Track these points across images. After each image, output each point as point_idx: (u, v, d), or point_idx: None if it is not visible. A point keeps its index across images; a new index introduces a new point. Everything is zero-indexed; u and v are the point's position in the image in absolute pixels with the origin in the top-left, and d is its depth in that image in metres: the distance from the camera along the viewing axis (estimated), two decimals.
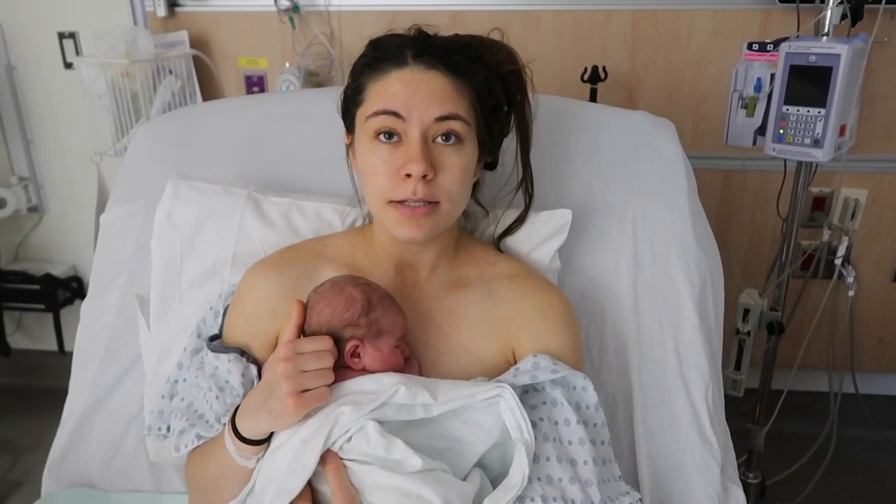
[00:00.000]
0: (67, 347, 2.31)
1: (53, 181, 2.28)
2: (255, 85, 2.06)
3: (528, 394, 0.84)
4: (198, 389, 0.87)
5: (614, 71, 1.86)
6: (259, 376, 0.87)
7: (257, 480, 0.80)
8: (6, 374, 2.38)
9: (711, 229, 1.13)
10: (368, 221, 1.01)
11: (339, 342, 0.79)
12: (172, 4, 1.99)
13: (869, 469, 1.92)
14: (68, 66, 2.10)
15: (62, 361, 1.94)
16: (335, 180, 1.03)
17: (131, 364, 1.07)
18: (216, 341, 0.91)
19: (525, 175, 0.94)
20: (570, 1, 1.87)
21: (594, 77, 1.80)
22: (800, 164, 1.50)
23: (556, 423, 0.81)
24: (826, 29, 1.39)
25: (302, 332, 0.81)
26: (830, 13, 1.38)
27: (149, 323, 1.03)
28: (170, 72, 1.90)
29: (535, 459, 0.78)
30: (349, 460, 0.75)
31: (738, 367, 1.67)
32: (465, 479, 0.78)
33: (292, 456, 0.75)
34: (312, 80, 1.99)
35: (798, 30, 1.52)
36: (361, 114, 0.84)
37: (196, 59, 1.98)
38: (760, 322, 1.62)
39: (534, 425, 0.78)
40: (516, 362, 0.86)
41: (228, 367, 0.86)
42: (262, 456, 0.80)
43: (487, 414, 0.79)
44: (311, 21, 1.96)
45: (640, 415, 1.01)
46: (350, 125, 0.89)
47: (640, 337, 1.04)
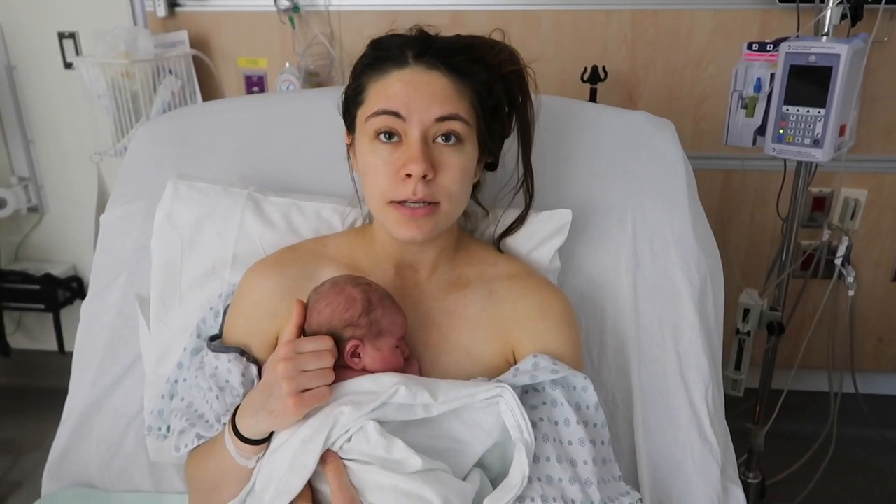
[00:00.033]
0: (67, 347, 2.31)
1: (53, 181, 2.28)
2: (255, 85, 2.06)
3: (528, 394, 0.84)
4: (198, 389, 0.87)
5: (614, 71, 1.86)
6: (259, 376, 0.87)
7: (257, 480, 0.80)
8: (6, 374, 2.38)
9: (711, 229, 1.13)
10: (368, 221, 1.01)
11: (340, 342, 0.79)
12: (172, 4, 1.99)
13: (869, 469, 1.92)
14: (68, 66, 2.10)
15: (62, 361, 1.94)
16: (335, 180, 1.03)
17: (131, 364, 1.07)
18: (216, 341, 0.91)
19: (526, 176, 0.94)
20: (570, 1, 1.87)
21: (594, 77, 1.80)
22: (800, 164, 1.50)
23: (556, 424, 0.81)
24: (826, 29, 1.39)
25: (302, 332, 0.81)
26: (830, 13, 1.38)
27: (149, 323, 1.03)
28: (170, 72, 1.90)
29: (535, 459, 0.78)
30: (349, 460, 0.75)
31: (738, 367, 1.67)
32: (465, 479, 0.78)
33: (292, 456, 0.75)
34: (312, 80, 1.99)
35: (798, 30, 1.52)
36: (362, 114, 0.84)
37: (196, 59, 1.98)
38: (760, 322, 1.62)
39: (534, 425, 0.78)
40: (516, 362, 0.86)
41: (228, 367, 0.86)
42: (262, 456, 0.80)
43: (487, 414, 0.79)
44: (311, 21, 1.96)
45: (640, 415, 1.01)
46: (351, 125, 0.89)
47: (640, 337, 1.04)
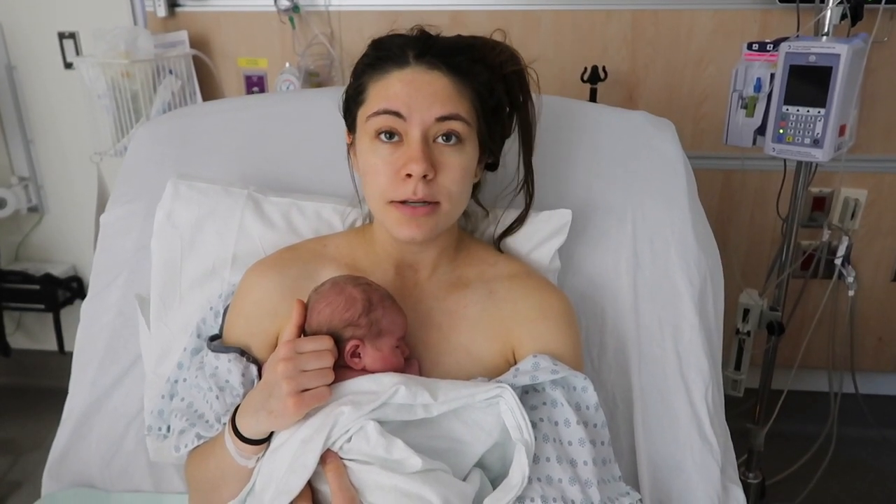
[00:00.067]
0: (67, 347, 2.31)
1: (53, 181, 2.27)
2: (255, 85, 2.06)
3: (528, 394, 0.84)
4: (198, 389, 0.87)
5: (614, 71, 1.86)
6: (259, 376, 0.87)
7: (257, 480, 0.80)
8: (6, 374, 2.38)
9: (711, 229, 1.13)
10: (369, 221, 1.01)
11: (340, 342, 0.79)
12: (172, 4, 1.99)
13: (869, 469, 1.92)
14: (68, 66, 2.10)
15: (62, 361, 1.94)
16: (335, 180, 1.03)
17: (131, 364, 1.07)
18: (216, 341, 0.91)
19: (527, 176, 0.94)
20: (570, 1, 1.87)
21: (594, 77, 1.80)
22: (800, 164, 1.50)
23: (556, 424, 0.81)
24: (826, 29, 1.39)
25: (302, 332, 0.81)
26: (830, 13, 1.38)
27: (149, 323, 1.03)
28: (170, 72, 1.90)
29: (535, 460, 0.78)
30: (349, 460, 0.75)
31: (738, 367, 1.67)
32: (465, 480, 0.78)
33: (292, 456, 0.75)
34: (312, 80, 1.99)
35: (798, 30, 1.52)
36: (363, 113, 0.84)
37: (196, 59, 1.98)
38: (760, 322, 1.62)
39: (534, 426, 0.78)
40: (516, 362, 0.86)
41: (228, 367, 0.86)
42: (263, 456, 0.80)
43: (487, 414, 0.79)
44: (311, 21, 1.96)
45: (640, 415, 1.01)
46: (351, 125, 0.89)
47: (640, 337, 1.04)
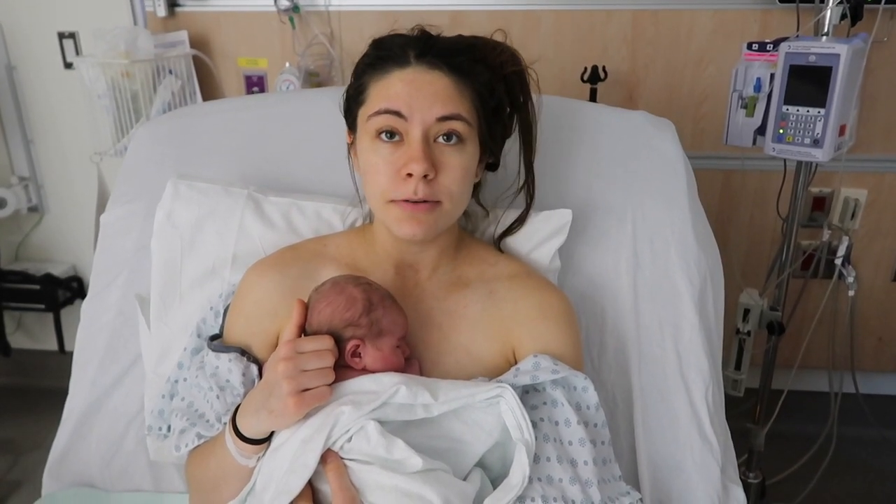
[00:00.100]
0: (67, 347, 2.31)
1: (53, 181, 2.28)
2: (255, 85, 2.06)
3: (529, 394, 0.84)
4: (198, 389, 0.87)
5: (614, 71, 1.86)
6: (260, 376, 0.87)
7: (258, 480, 0.80)
8: (6, 374, 2.38)
9: (711, 229, 1.13)
10: (369, 221, 1.01)
11: (340, 342, 0.79)
12: (172, 4, 1.99)
13: (869, 469, 1.92)
14: (68, 66, 2.10)
15: (62, 361, 1.94)
16: (335, 180, 1.03)
17: (131, 364, 1.07)
18: (216, 341, 0.91)
19: (528, 176, 0.94)
20: (570, 1, 1.87)
21: (594, 77, 1.80)
22: (799, 164, 1.50)
23: (557, 424, 0.81)
24: (826, 29, 1.39)
25: (303, 332, 0.81)
26: (830, 13, 1.38)
27: (149, 323, 1.03)
28: (170, 72, 1.90)
29: (536, 460, 0.78)
30: (350, 460, 0.75)
31: (738, 367, 1.67)
32: (466, 480, 0.78)
33: (293, 455, 0.75)
34: (312, 80, 1.99)
35: (798, 30, 1.52)
36: (363, 113, 0.84)
37: (196, 59, 1.98)
38: (760, 322, 1.62)
39: (534, 425, 0.78)
40: (517, 362, 0.86)
41: (229, 367, 0.86)
42: (263, 455, 0.80)
43: (488, 414, 0.79)
44: (311, 21, 1.96)
45: (640, 415, 1.01)
46: (352, 124, 0.89)
47: (640, 337, 1.04)
